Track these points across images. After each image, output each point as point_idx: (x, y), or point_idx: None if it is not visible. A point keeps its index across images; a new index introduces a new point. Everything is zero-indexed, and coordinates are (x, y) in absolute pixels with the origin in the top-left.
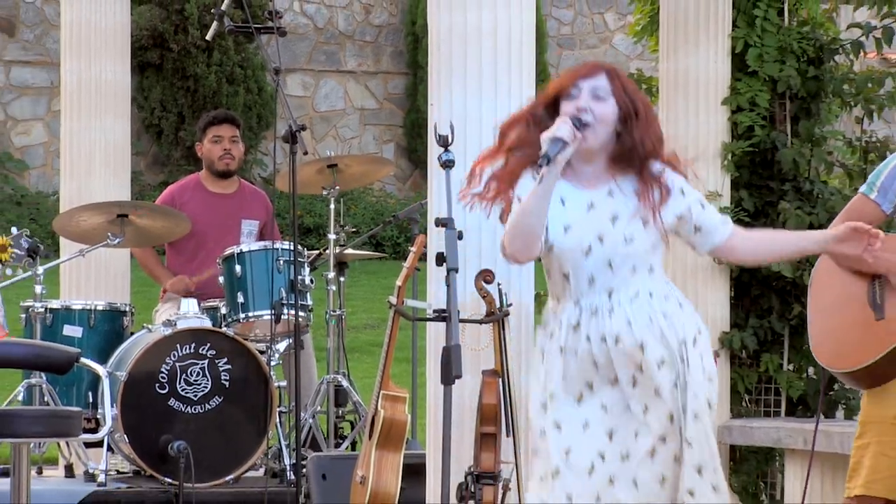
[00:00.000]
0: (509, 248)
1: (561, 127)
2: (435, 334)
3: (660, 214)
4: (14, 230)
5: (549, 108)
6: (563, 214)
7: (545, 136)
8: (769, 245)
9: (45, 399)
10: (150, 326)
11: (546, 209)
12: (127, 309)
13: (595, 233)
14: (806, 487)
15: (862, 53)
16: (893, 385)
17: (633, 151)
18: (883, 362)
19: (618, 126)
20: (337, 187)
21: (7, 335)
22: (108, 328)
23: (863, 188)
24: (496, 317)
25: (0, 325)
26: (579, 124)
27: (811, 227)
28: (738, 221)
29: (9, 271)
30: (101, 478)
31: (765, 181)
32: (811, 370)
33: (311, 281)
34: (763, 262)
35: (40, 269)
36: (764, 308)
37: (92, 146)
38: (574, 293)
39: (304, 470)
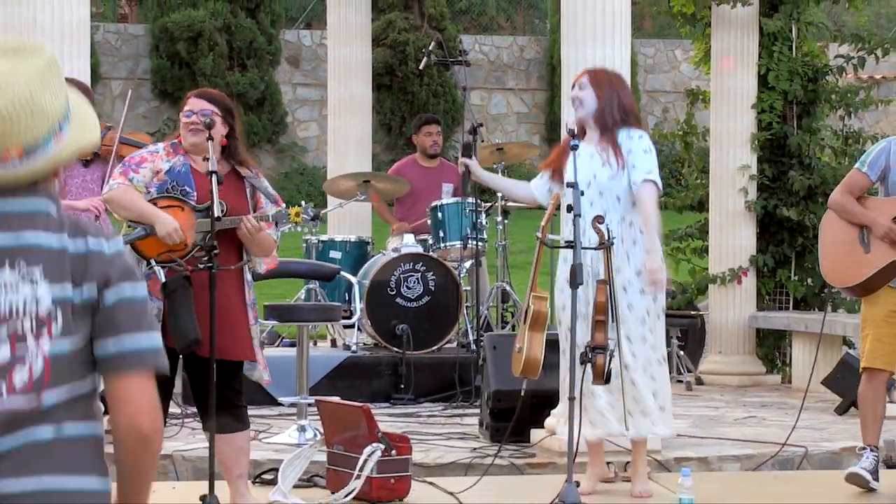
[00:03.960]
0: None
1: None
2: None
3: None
4: (303, 203)
5: None
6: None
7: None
8: None
9: (318, 297)
10: (384, 252)
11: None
12: (369, 240)
13: (592, 172)
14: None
15: (844, 74)
16: (880, 293)
17: (606, 116)
18: (872, 279)
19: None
20: (502, 163)
21: (277, 265)
22: (358, 252)
23: (857, 164)
24: (605, 245)
25: (273, 256)
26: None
27: (810, 188)
28: (761, 185)
29: (298, 228)
30: (353, 348)
31: (779, 158)
32: (810, 280)
33: (486, 223)
34: None
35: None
36: (779, 239)
37: (347, 137)
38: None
39: (482, 343)
